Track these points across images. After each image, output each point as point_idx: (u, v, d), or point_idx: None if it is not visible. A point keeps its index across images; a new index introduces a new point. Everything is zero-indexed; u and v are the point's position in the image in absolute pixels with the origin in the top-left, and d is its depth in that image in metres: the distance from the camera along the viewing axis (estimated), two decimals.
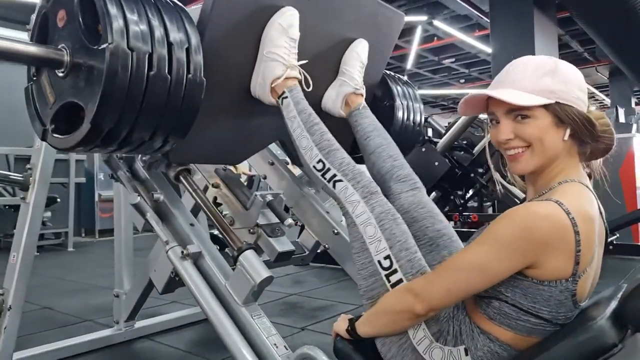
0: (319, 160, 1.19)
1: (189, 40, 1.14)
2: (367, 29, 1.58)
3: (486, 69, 10.69)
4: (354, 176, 1.15)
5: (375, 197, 1.11)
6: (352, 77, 1.52)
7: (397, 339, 1.00)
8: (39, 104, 1.24)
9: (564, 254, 0.84)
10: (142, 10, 1.09)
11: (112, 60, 1.01)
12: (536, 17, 5.50)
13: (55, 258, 5.19)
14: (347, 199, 1.12)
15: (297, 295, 3.22)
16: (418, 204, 1.28)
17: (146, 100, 1.07)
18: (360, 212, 1.09)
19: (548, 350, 0.86)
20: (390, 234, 1.06)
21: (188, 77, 1.13)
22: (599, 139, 0.94)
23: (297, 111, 1.26)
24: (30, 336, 2.34)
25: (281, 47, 1.30)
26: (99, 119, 1.05)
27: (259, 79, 1.34)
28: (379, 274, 1.04)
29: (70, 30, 1.13)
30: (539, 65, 0.93)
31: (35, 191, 1.93)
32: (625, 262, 3.87)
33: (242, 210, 1.67)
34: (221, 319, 1.24)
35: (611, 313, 0.85)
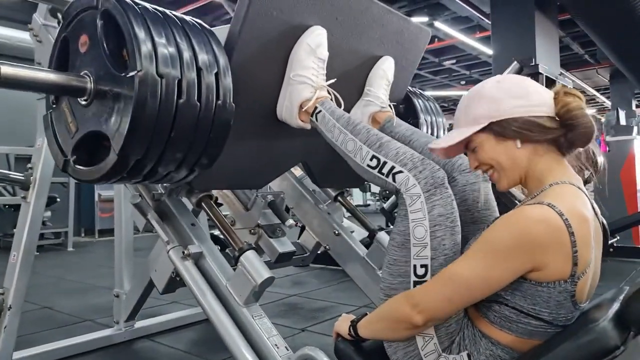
0: (372, 157, 1.09)
1: (218, 63, 1.09)
2: (392, 46, 1.55)
3: (487, 71, 10.69)
4: (414, 165, 1.03)
5: (439, 192, 1.00)
6: (377, 97, 1.49)
7: (404, 345, 0.99)
8: (59, 133, 1.18)
9: (561, 255, 0.84)
10: (170, 34, 1.03)
11: (142, 89, 0.96)
12: (537, 19, 5.50)
13: (54, 258, 5.19)
14: (408, 191, 1.01)
15: (297, 297, 3.22)
16: (484, 204, 1.17)
17: (175, 129, 1.02)
18: (416, 208, 0.99)
19: (550, 352, 0.85)
20: (438, 244, 0.97)
21: (217, 103, 1.08)
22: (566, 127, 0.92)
23: (335, 119, 1.20)
24: (30, 336, 2.34)
25: (309, 68, 1.26)
26: (126, 149, 1.00)
27: (286, 102, 1.29)
28: (409, 277, 0.98)
29: (94, 55, 1.07)
30: (469, 97, 1.00)
31: (36, 190, 1.93)
32: (626, 264, 3.86)
33: (243, 210, 1.68)
34: (222, 320, 1.24)
35: (613, 315, 0.85)
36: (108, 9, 1.03)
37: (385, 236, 1.78)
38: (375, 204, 12.49)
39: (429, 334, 0.96)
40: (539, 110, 0.93)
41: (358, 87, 1.52)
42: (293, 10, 1.24)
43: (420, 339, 0.96)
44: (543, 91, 0.96)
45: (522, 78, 1.00)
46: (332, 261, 1.99)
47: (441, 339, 0.96)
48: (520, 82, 0.98)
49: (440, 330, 0.96)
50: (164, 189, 1.47)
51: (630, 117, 6.19)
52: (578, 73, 10.75)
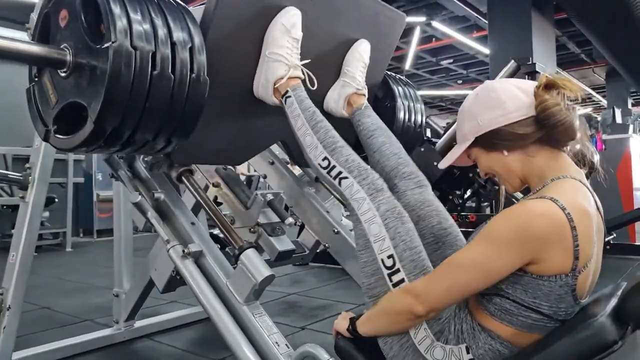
0: (324, 158, 1.18)
1: (193, 39, 1.14)
2: (368, 30, 1.58)
3: (484, 70, 10.71)
4: (359, 173, 1.14)
5: (382, 194, 1.10)
6: (354, 78, 1.53)
7: (398, 338, 1.00)
8: (40, 105, 1.23)
9: (563, 249, 0.85)
10: (146, 10, 1.08)
11: (116, 59, 1.01)
12: (534, 19, 5.52)
13: (53, 258, 5.18)
14: (352, 196, 1.11)
15: (297, 295, 3.22)
16: (424, 202, 1.27)
17: (150, 100, 1.07)
18: (365, 210, 1.08)
19: (549, 347, 0.86)
20: (394, 233, 1.05)
21: (192, 76, 1.13)
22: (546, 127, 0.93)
23: (300, 109, 1.26)
24: (29, 336, 2.34)
25: (284, 47, 1.30)
26: (102, 118, 1.04)
27: (262, 80, 1.34)
28: (382, 272, 1.03)
29: (73, 29, 1.12)
30: (459, 116, 1.06)
31: (35, 190, 1.93)
32: (622, 261, 3.88)
33: (242, 209, 1.68)
34: (223, 318, 1.24)
35: (611, 310, 0.86)
36: None
37: None
38: None
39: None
40: (517, 116, 0.95)
41: (334, 69, 1.56)
42: None
43: (412, 328, 0.98)
44: (520, 93, 0.96)
45: (498, 85, 1.00)
46: (331, 260, 1.99)
47: (430, 323, 0.98)
48: (494, 91, 0.99)
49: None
50: (145, 162, 1.51)
51: (626, 116, 6.23)
52: (574, 72, 10.78)
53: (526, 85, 0.98)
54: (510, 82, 1.01)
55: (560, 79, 0.95)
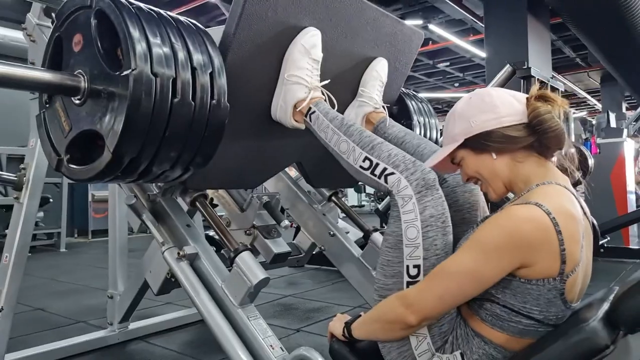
0: (365, 158, 1.11)
1: (213, 63, 1.09)
2: (386, 48, 1.56)
3: (480, 73, 10.76)
4: (406, 167, 1.04)
5: (430, 193, 1.01)
6: (371, 98, 1.50)
7: (398, 345, 1.00)
8: (52, 132, 1.18)
9: (549, 253, 0.86)
10: (165, 33, 1.04)
11: (136, 87, 0.96)
12: (530, 23, 5.56)
13: (47, 259, 5.16)
14: (399, 192, 1.02)
15: (292, 297, 3.22)
16: (473, 205, 1.20)
17: (170, 128, 1.03)
18: (408, 210, 1.00)
19: (541, 352, 0.87)
20: (430, 244, 0.99)
21: (212, 102, 1.08)
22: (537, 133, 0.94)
23: (328, 120, 1.21)
24: (23, 338, 2.33)
25: (304, 68, 1.27)
26: (121, 148, 1.00)
27: (281, 102, 1.30)
28: (402, 277, 0.99)
29: (88, 54, 1.07)
30: (448, 116, 1.05)
31: (29, 191, 1.92)
32: (616, 264, 3.91)
33: (238, 211, 1.68)
34: (217, 320, 1.24)
35: (603, 315, 0.86)
36: (102, 8, 1.04)
37: (380, 237, 1.79)
38: (369, 204, 12.52)
39: (422, 334, 0.97)
40: (509, 120, 0.96)
41: (352, 88, 1.54)
42: (287, 12, 1.24)
43: (414, 338, 0.98)
44: (514, 100, 0.98)
45: (491, 92, 1.01)
46: (327, 262, 1.99)
47: (434, 339, 0.97)
48: (489, 96, 0.99)
49: (433, 330, 0.97)
50: (158, 188, 1.46)
51: (621, 120, 6.26)
52: (569, 76, 10.85)
53: (519, 95, 1.00)
54: (504, 91, 1.02)
55: (552, 94, 0.97)
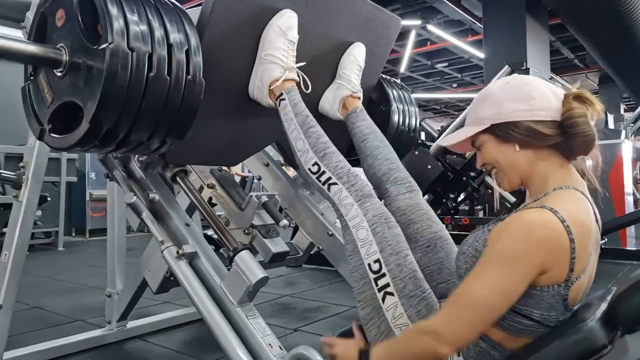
0: (315, 163, 1.20)
1: (189, 41, 1.14)
2: (364, 33, 1.59)
3: (478, 74, 10.77)
4: (348, 179, 1.16)
5: (369, 200, 1.12)
6: (349, 80, 1.54)
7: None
8: (36, 104, 1.23)
9: (561, 261, 0.85)
10: (142, 11, 1.09)
11: (112, 60, 1.01)
12: (528, 24, 5.57)
13: (45, 258, 5.15)
14: (341, 202, 1.13)
15: (290, 297, 3.22)
16: (415, 207, 1.29)
17: (145, 101, 1.07)
18: (353, 215, 1.11)
19: (539, 351, 0.87)
20: (381, 238, 1.06)
21: (187, 78, 1.13)
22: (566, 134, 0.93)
23: (294, 113, 1.27)
24: (21, 336, 2.32)
25: (280, 49, 1.31)
26: (98, 118, 1.05)
27: (257, 81, 1.35)
28: (368, 276, 1.05)
29: (69, 29, 1.12)
30: (478, 96, 1.04)
31: (28, 189, 1.92)
32: (614, 266, 3.92)
33: (237, 210, 1.68)
34: (216, 319, 1.24)
35: (601, 315, 0.87)
36: None
37: None
38: None
39: (404, 324, 1.00)
40: (542, 115, 0.93)
41: (329, 72, 1.57)
42: None
43: (398, 330, 1.00)
44: (551, 95, 0.95)
45: (531, 81, 0.99)
46: (325, 262, 1.99)
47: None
48: (527, 85, 0.97)
49: (412, 318, 1.01)
50: (140, 162, 1.51)
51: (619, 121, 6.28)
52: (568, 77, 10.87)
53: (558, 90, 0.97)
54: (543, 83, 0.99)
55: (591, 96, 0.95)
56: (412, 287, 1.03)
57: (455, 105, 15.30)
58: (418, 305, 1.01)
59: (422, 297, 1.03)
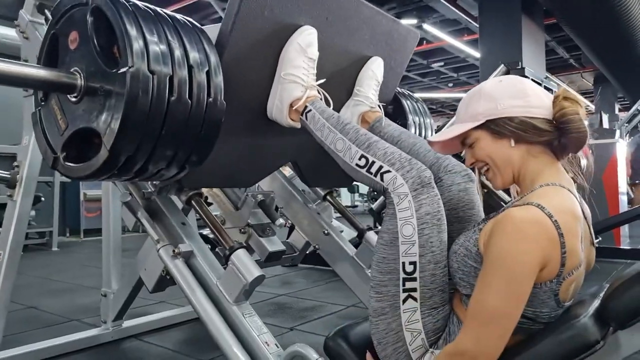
0: (361, 156, 1.11)
1: (209, 61, 1.10)
2: (382, 47, 1.57)
3: (474, 73, 10.81)
4: (402, 165, 1.04)
5: (427, 191, 1.01)
6: (367, 97, 1.50)
7: (393, 341, 1.00)
8: (48, 130, 1.18)
9: (552, 256, 0.85)
10: (162, 31, 1.04)
11: (133, 84, 0.97)
12: (524, 23, 5.60)
13: (39, 258, 5.12)
14: (395, 190, 1.02)
15: (286, 296, 3.22)
16: (468, 204, 1.20)
17: (166, 126, 1.03)
18: (404, 207, 1.00)
19: (532, 347, 0.88)
20: (426, 242, 0.99)
21: (209, 100, 1.09)
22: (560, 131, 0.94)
23: (324, 118, 1.21)
24: (16, 336, 2.31)
25: (300, 67, 1.27)
26: (118, 146, 1.00)
27: (277, 101, 1.30)
28: (398, 274, 0.99)
29: (84, 52, 1.07)
30: (471, 93, 1.03)
31: (23, 189, 1.91)
32: (608, 264, 3.92)
33: (233, 210, 1.68)
34: (212, 318, 1.24)
35: (594, 311, 0.88)
36: (99, 6, 1.04)
37: (374, 236, 1.80)
38: (363, 204, 12.54)
39: (416, 330, 0.98)
40: (536, 112, 0.95)
41: (347, 87, 1.54)
42: (284, 10, 1.25)
43: (409, 334, 0.98)
44: (543, 94, 0.98)
45: (523, 80, 1.01)
46: (320, 261, 1.99)
47: (428, 335, 0.98)
48: (520, 83, 0.99)
49: (428, 327, 0.98)
50: (153, 186, 1.46)
51: (613, 121, 6.32)
52: (563, 77, 10.94)
53: (546, 92, 1.00)
54: (533, 84, 1.01)
55: (577, 96, 0.96)
56: (438, 299, 1.00)
57: (451, 104, 15.34)
58: (437, 315, 1.00)
59: (444, 309, 1.01)
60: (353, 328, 1.18)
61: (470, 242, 0.96)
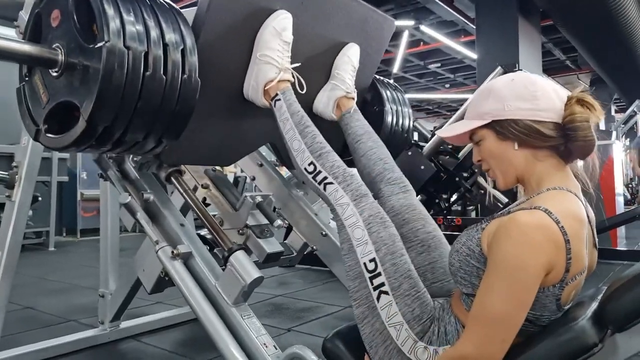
0: (310, 163, 1.20)
1: (185, 41, 1.15)
2: (357, 34, 1.60)
3: (471, 75, 10.83)
4: (344, 179, 1.16)
5: (365, 200, 1.13)
6: (343, 81, 1.54)
7: (381, 341, 1.01)
8: (31, 104, 1.23)
9: (557, 261, 0.85)
10: (138, 11, 1.09)
11: (109, 59, 1.02)
12: (520, 25, 5.61)
13: (36, 258, 5.10)
14: (337, 202, 1.14)
15: (283, 297, 3.23)
16: (409, 207, 1.30)
17: (142, 100, 1.08)
18: (349, 215, 1.11)
19: (530, 350, 0.88)
20: (377, 237, 1.07)
21: (183, 77, 1.14)
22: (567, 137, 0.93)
23: (289, 113, 1.27)
24: (13, 336, 2.31)
25: (275, 50, 1.32)
26: (94, 117, 1.05)
27: (252, 82, 1.35)
28: (364, 276, 1.05)
29: (65, 29, 1.13)
30: (481, 90, 1.04)
31: (21, 189, 1.91)
32: (604, 266, 3.96)
33: (231, 211, 1.68)
34: (211, 319, 1.24)
35: (592, 314, 0.88)
36: None
37: None
38: None
39: (398, 322, 1.00)
40: (544, 116, 0.94)
41: (323, 73, 1.57)
42: None
43: (392, 329, 1.00)
44: (555, 96, 0.95)
45: (536, 80, 0.98)
46: (317, 262, 2.00)
47: (411, 324, 1.00)
48: (531, 84, 0.96)
49: (407, 316, 1.00)
50: (134, 162, 1.52)
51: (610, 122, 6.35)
52: (559, 78, 10.96)
53: (562, 91, 0.97)
54: (548, 83, 0.98)
55: (593, 100, 0.94)
56: (406, 286, 1.04)
57: (447, 105, 15.37)
58: (412, 304, 1.02)
59: (416, 296, 1.03)
60: (351, 330, 1.18)
61: (473, 241, 0.96)
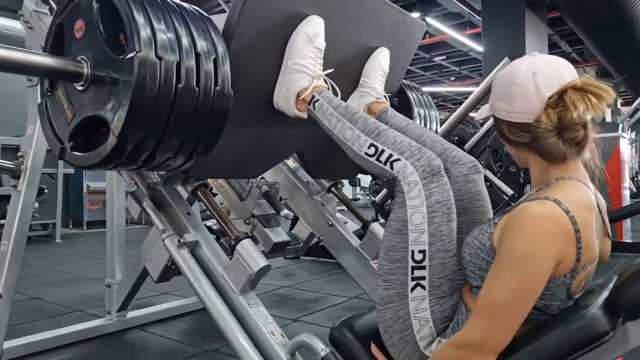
0: (370, 145, 1.09)
1: (216, 50, 1.10)
2: (388, 38, 1.56)
3: (477, 67, 10.76)
4: (412, 153, 1.03)
5: (437, 179, 1.00)
6: (373, 88, 1.49)
7: (400, 329, 1.00)
8: (54, 120, 1.18)
9: (568, 251, 0.85)
10: (169, 19, 1.04)
11: (141, 70, 0.96)
12: (527, 17, 5.56)
13: (42, 249, 5.14)
14: (405, 178, 1.01)
15: (289, 288, 3.23)
16: (475, 195, 1.19)
17: (174, 114, 1.03)
18: (414, 195, 0.99)
19: (541, 337, 0.88)
20: (436, 230, 0.98)
21: (216, 89, 1.08)
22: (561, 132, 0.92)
23: (332, 107, 1.20)
24: (21, 326, 2.33)
25: (307, 57, 1.26)
26: (126, 132, 0.99)
27: (283, 91, 1.29)
28: (407, 262, 0.98)
29: (90, 40, 1.07)
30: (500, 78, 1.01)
31: (27, 179, 1.91)
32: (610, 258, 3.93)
33: (238, 200, 1.68)
34: (218, 308, 1.24)
35: (603, 302, 0.88)
36: None
37: (379, 227, 1.80)
38: (364, 198, 12.54)
39: (424, 318, 0.98)
40: (519, 117, 0.95)
41: (354, 78, 1.53)
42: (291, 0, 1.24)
43: (416, 322, 0.98)
44: (535, 96, 0.92)
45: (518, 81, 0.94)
46: (322, 253, 2.00)
47: (436, 323, 0.98)
48: (513, 85, 0.94)
49: (436, 315, 0.98)
50: (159, 177, 1.46)
51: (616, 115, 6.30)
52: None
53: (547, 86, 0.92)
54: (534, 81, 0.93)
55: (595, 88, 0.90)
56: (446, 288, 0.99)
57: (452, 98, 15.30)
58: (445, 304, 0.99)
59: (452, 298, 1.00)
60: (358, 319, 1.18)
61: (485, 235, 0.96)
